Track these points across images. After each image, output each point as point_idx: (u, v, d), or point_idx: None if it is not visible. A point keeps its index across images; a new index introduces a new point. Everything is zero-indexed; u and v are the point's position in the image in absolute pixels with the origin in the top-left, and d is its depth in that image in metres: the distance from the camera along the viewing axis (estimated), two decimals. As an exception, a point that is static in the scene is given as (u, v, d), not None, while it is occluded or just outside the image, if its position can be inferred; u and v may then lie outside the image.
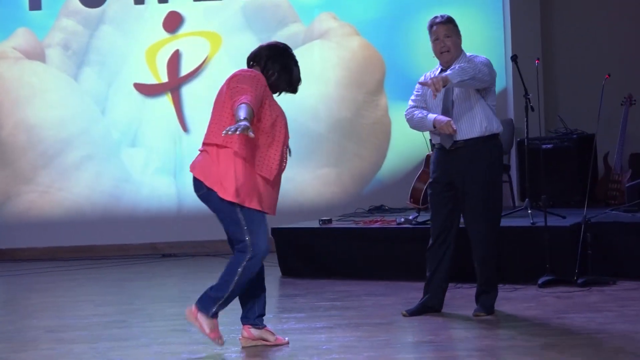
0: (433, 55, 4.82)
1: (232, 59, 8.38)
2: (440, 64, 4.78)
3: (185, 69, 8.39)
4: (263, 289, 4.36)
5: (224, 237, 8.10)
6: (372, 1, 8.29)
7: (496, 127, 4.72)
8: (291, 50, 4.27)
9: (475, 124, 4.67)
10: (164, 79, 8.40)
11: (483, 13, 8.23)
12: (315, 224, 6.74)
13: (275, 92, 4.25)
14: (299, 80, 4.26)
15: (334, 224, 6.69)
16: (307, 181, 8.11)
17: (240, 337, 4.35)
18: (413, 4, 8.18)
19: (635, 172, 7.13)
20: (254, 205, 4.06)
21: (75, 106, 8.41)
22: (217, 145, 4.08)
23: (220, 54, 8.37)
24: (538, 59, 6.49)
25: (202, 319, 4.15)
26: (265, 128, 4.10)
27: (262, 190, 4.08)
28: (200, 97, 8.38)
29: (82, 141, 8.34)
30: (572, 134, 7.35)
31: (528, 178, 6.21)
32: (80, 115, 8.39)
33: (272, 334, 4.33)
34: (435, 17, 4.79)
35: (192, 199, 8.35)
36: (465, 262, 5.86)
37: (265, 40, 8.29)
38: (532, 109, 6.14)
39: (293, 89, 4.27)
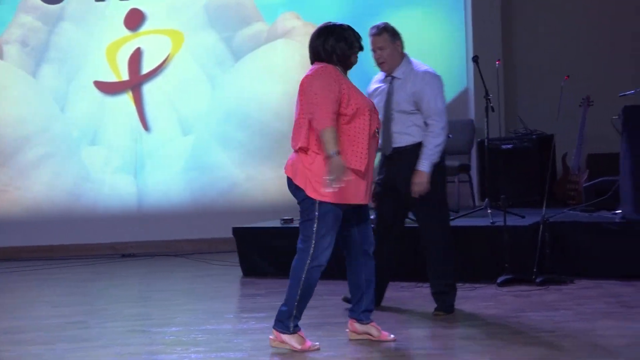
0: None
1: (195, 57, 8.34)
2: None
3: (146, 67, 8.32)
4: (371, 282, 4.27)
5: (186, 236, 8.17)
6: (335, 2, 8.30)
7: None
8: (332, 24, 4.20)
9: (412, 131, 4.74)
10: (125, 77, 8.33)
11: (445, 14, 8.28)
12: (276, 223, 6.73)
13: (351, 66, 4.19)
14: (357, 39, 4.19)
15: (296, 223, 6.65)
16: (269, 180, 8.10)
17: (348, 330, 4.32)
18: (376, 4, 8.19)
19: (592, 172, 7.22)
20: (329, 198, 4.00)
21: (34, 104, 8.31)
22: (300, 148, 4.09)
23: (183, 52, 8.32)
24: (499, 60, 6.55)
25: (287, 338, 4.11)
26: (346, 125, 4.05)
27: (350, 183, 4.01)
28: (162, 96, 8.33)
29: (41, 139, 8.24)
30: (531, 135, 7.43)
31: (488, 178, 6.27)
32: (40, 113, 8.29)
33: (378, 329, 4.28)
34: (371, 28, 4.86)
35: (152, 198, 8.38)
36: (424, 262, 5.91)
37: (228, 39, 8.39)
38: (493, 110, 6.19)
39: (358, 48, 4.19)
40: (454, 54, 8.27)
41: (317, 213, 4.03)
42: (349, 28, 4.18)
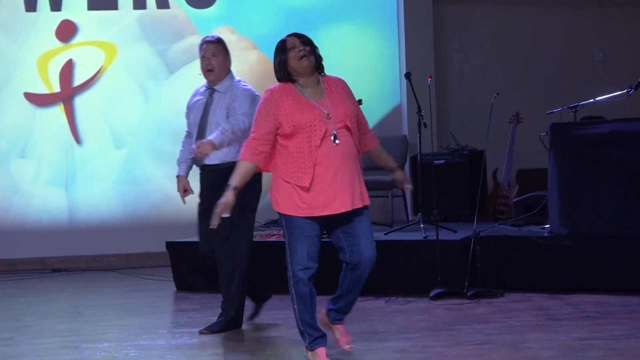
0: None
1: (128, 69, 8.25)
2: (207, 83, 4.96)
3: (78, 79, 8.20)
4: (350, 292, 4.21)
5: (116, 251, 8.05)
6: (269, 16, 8.33)
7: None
8: (281, 42, 4.09)
9: (225, 149, 4.75)
10: (56, 88, 8.19)
11: (378, 30, 8.40)
12: (210, 238, 6.68)
13: (300, 69, 4.00)
14: (283, 41, 4.07)
15: (230, 238, 6.65)
16: (204, 194, 8.04)
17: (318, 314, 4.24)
18: (310, 20, 8.25)
19: (522, 187, 7.40)
20: (288, 211, 3.95)
21: (-40, 115, 8.10)
22: None
23: (116, 64, 8.23)
24: (430, 77, 6.67)
25: (310, 354, 4.08)
26: (286, 142, 3.97)
27: (300, 196, 3.93)
28: (94, 108, 8.21)
29: (-33, 151, 8.03)
30: (463, 150, 7.57)
31: (421, 193, 6.36)
32: (-34, 124, 8.09)
33: (341, 333, 4.27)
34: (206, 37, 5.00)
35: (84, 211, 8.25)
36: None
37: (162, 52, 8.33)
38: (425, 126, 6.29)
39: (289, 47, 4.03)
40: (388, 70, 8.38)
41: (284, 226, 3.99)
42: (283, 51, 4.04)
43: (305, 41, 4.04)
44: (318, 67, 4.06)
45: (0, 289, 7.09)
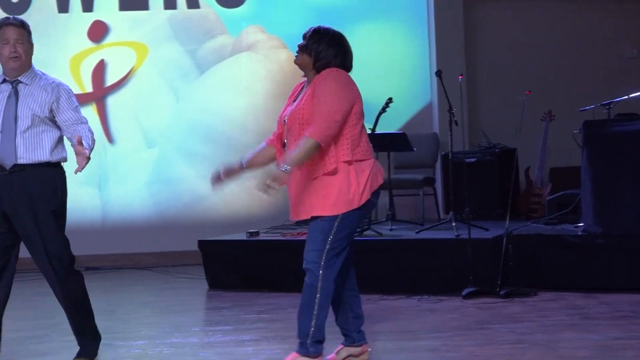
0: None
1: (158, 69, 8.31)
2: (5, 73, 4.14)
3: (110, 79, 8.27)
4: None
5: (149, 249, 8.10)
6: (299, 15, 8.34)
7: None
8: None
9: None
10: (89, 89, 8.27)
11: (409, 28, 8.37)
12: (242, 236, 6.72)
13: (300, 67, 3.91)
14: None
15: (262, 236, 6.69)
16: (235, 193, 8.08)
17: None
18: (339, 18, 8.24)
19: (555, 185, 7.34)
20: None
21: (-5, 116, 8.20)
22: None
23: (147, 64, 8.29)
24: (462, 75, 6.63)
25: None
26: None
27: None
28: (126, 108, 8.28)
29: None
30: (494, 148, 7.52)
31: (452, 191, 6.33)
32: (1, 125, 8.19)
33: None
34: (8, 18, 4.24)
35: (116, 211, 8.31)
36: (392, 274, 5.95)
37: (192, 52, 8.38)
38: (456, 124, 6.26)
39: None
40: (418, 68, 8.36)
41: None
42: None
43: (306, 37, 3.90)
44: (316, 64, 3.83)
45: (34, 287, 7.16)
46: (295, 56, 3.89)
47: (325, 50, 3.83)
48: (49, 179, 4.07)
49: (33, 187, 4.01)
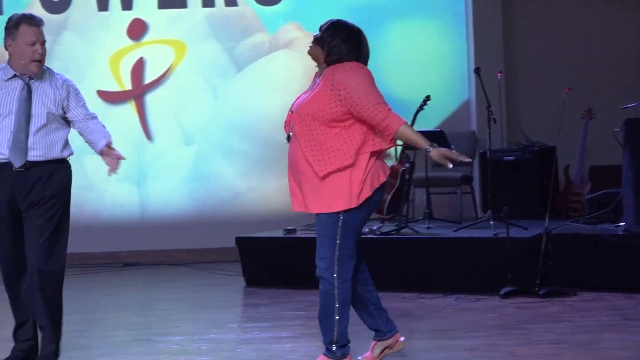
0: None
1: (196, 67, 8.36)
2: (17, 69, 4.00)
3: (149, 77, 8.34)
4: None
5: (186, 246, 8.16)
6: (337, 12, 8.30)
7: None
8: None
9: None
10: (128, 86, 8.35)
11: (446, 25, 8.32)
12: (279, 234, 6.74)
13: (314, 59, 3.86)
14: None
15: (298, 234, 6.70)
16: (272, 190, 8.11)
17: None
18: (378, 16, 8.23)
19: (595, 184, 7.24)
20: None
21: (36, 113, 8.31)
22: None
23: (185, 62, 8.34)
24: (500, 72, 6.58)
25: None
26: None
27: None
28: (164, 105, 8.34)
29: (44, 148, 8.22)
30: (533, 146, 7.45)
31: (490, 190, 6.28)
32: (42, 122, 8.29)
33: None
34: (28, 16, 4.03)
35: (155, 207, 8.38)
36: (429, 273, 5.93)
37: (230, 50, 8.41)
38: (495, 121, 6.21)
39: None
40: (456, 65, 8.30)
41: None
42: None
43: (322, 29, 3.82)
44: (327, 58, 3.75)
45: (75, 282, 7.26)
46: (310, 47, 3.83)
47: (338, 46, 3.75)
48: (60, 175, 4.10)
49: (46, 183, 4.01)
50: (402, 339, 4.06)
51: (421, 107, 6.62)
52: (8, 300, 4.17)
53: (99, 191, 8.26)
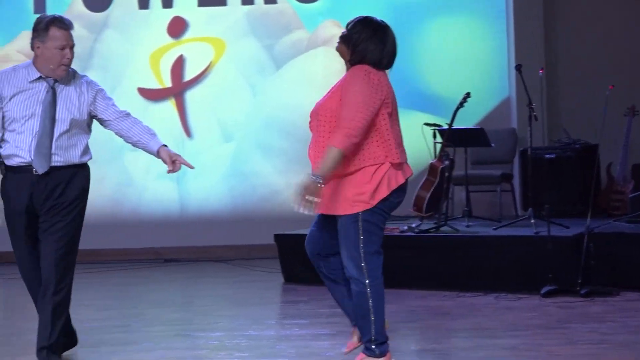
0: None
1: (236, 64, 8.40)
2: (42, 70, 3.93)
3: (189, 74, 8.40)
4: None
5: (226, 242, 8.21)
6: (376, 9, 8.29)
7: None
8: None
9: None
10: (168, 84, 8.42)
11: (487, 22, 8.25)
12: (317, 231, 6.72)
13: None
14: None
15: (337, 231, 6.68)
16: (310, 187, 8.12)
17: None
18: (417, 13, 8.20)
19: (638, 183, 7.13)
20: None
21: (78, 110, 8.41)
22: None
23: (224, 59, 8.39)
24: (542, 69, 6.50)
25: None
26: None
27: None
28: (204, 103, 8.40)
29: (85, 145, 8.32)
30: (575, 144, 7.36)
31: (531, 188, 6.22)
32: (84, 119, 8.40)
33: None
34: (59, 19, 3.93)
35: (194, 204, 8.44)
36: (469, 271, 5.89)
37: (269, 47, 8.44)
38: (536, 119, 6.15)
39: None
40: (496, 62, 8.23)
41: None
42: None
43: (349, 26, 3.82)
44: (352, 56, 3.74)
45: (116, 277, 7.35)
46: (337, 43, 3.83)
47: (363, 43, 3.72)
48: (79, 180, 4.04)
49: (65, 188, 3.97)
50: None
51: (461, 104, 6.59)
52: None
53: (139, 187, 8.34)
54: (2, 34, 8.26)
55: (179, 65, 8.40)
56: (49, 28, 3.89)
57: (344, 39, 3.80)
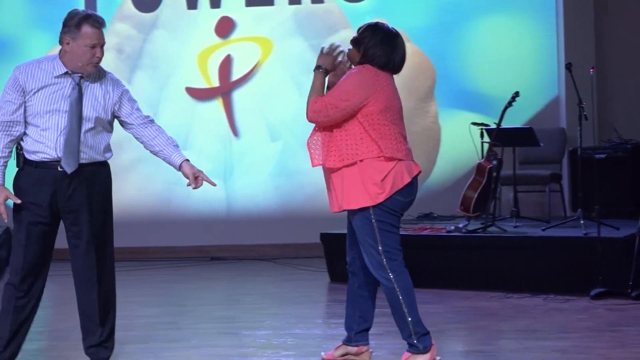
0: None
1: (283, 64, 8.43)
2: (70, 66, 3.81)
3: (236, 74, 8.46)
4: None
5: (272, 241, 8.25)
6: (423, 8, 8.28)
7: None
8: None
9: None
10: (216, 83, 8.48)
11: (536, 20, 8.16)
12: (364, 230, 6.71)
13: None
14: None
15: (383, 231, 6.66)
16: (356, 187, 8.11)
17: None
18: (464, 11, 8.14)
19: (691, 183, 7.00)
20: None
21: (127, 109, 8.52)
22: None
23: (271, 59, 8.42)
24: (593, 67, 6.41)
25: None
26: None
27: None
28: (251, 102, 8.44)
29: (134, 144, 8.27)
30: (626, 144, 7.24)
31: (581, 188, 6.13)
32: (133, 118, 8.50)
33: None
34: (92, 17, 3.82)
35: (241, 202, 8.50)
36: (517, 272, 5.83)
37: (316, 46, 8.43)
38: (586, 118, 6.07)
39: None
40: (545, 61, 8.13)
41: None
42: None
43: (360, 30, 3.94)
44: (361, 59, 3.86)
45: (164, 275, 7.43)
46: (348, 49, 3.92)
47: (374, 47, 3.83)
48: (103, 177, 3.94)
49: (90, 185, 3.87)
50: (370, 351, 4.10)
51: (510, 104, 6.53)
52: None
53: (186, 186, 8.38)
54: (54, 35, 8.37)
55: (226, 65, 8.46)
56: (82, 25, 3.76)
57: (356, 42, 3.91)
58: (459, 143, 7.65)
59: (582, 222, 5.99)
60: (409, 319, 3.80)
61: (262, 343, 4.57)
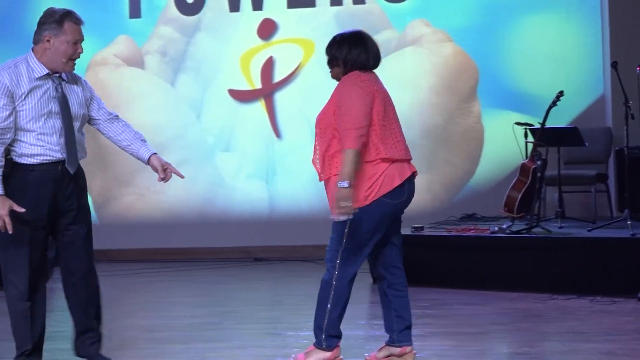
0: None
1: (325, 65, 8.36)
2: (48, 65, 3.79)
3: (278, 76, 8.50)
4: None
5: (315, 242, 8.26)
6: (465, 8, 8.22)
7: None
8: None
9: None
10: (258, 85, 8.53)
11: (580, 19, 8.05)
12: (407, 231, 6.70)
13: None
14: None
15: (426, 231, 6.65)
16: (398, 188, 8.08)
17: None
18: (506, 11, 8.07)
19: None
20: None
21: (171, 111, 8.62)
22: None
23: (313, 60, 8.44)
24: (639, 66, 6.30)
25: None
26: None
27: None
28: (293, 103, 8.47)
29: (178, 145, 8.53)
30: (674, 143, 7.10)
31: (628, 188, 6.04)
32: (176, 120, 8.60)
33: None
34: (72, 14, 3.81)
35: (283, 204, 8.54)
36: (562, 273, 5.76)
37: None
38: (633, 117, 5.98)
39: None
40: (590, 59, 8.02)
41: None
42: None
43: (328, 51, 4.03)
44: (345, 69, 3.95)
45: (208, 275, 7.50)
46: (330, 72, 3.99)
47: (348, 53, 3.93)
48: (82, 174, 3.97)
49: (78, 183, 3.91)
50: (414, 352, 4.07)
51: (554, 103, 6.45)
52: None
53: (229, 187, 8.49)
54: (99, 39, 8.51)
55: (268, 67, 8.50)
56: (64, 21, 3.76)
57: (331, 61, 4.01)
58: (502, 143, 7.58)
59: (629, 222, 5.89)
60: (327, 317, 3.91)
61: (305, 344, 4.56)
